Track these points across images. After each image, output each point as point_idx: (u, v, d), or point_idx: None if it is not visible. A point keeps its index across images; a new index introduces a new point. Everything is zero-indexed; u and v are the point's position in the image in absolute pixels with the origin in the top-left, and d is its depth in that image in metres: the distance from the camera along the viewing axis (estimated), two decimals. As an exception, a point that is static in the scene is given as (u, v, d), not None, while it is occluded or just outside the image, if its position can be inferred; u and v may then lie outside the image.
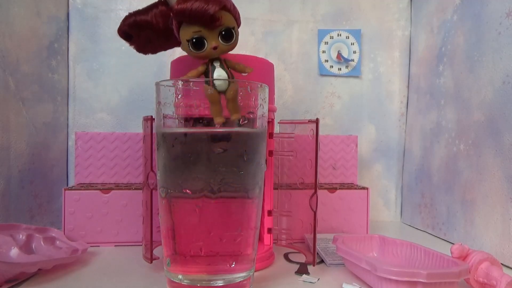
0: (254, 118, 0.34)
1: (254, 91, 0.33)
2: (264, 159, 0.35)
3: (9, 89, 0.50)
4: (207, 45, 0.32)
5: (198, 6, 0.30)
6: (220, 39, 0.32)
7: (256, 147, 0.34)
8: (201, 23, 0.31)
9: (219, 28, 0.32)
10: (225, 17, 0.32)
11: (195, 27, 0.31)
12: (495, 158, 0.47)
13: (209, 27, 0.31)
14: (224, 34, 0.32)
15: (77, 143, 0.59)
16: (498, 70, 0.47)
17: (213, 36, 0.32)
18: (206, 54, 0.32)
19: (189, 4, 0.30)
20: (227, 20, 0.32)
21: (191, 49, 0.32)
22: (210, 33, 0.31)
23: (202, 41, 0.31)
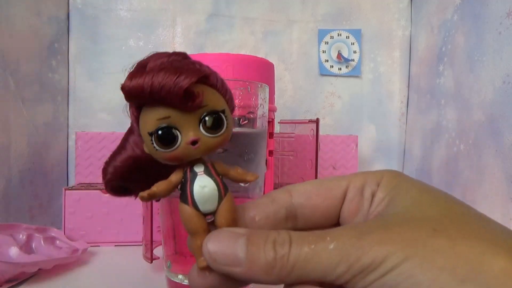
0: (254, 118, 0.34)
1: (254, 91, 0.33)
2: (264, 159, 0.35)
3: (9, 89, 0.50)
4: (180, 139, 0.19)
5: (163, 79, 0.17)
6: (201, 129, 0.19)
7: (256, 147, 0.34)
8: (169, 103, 0.18)
9: (199, 112, 0.19)
10: (208, 95, 0.19)
11: (160, 111, 0.18)
12: (495, 158, 0.47)
13: (183, 110, 0.18)
14: (208, 120, 0.19)
15: (77, 143, 0.59)
16: (498, 70, 0.47)
17: (190, 123, 0.19)
18: (180, 153, 0.19)
19: (147, 77, 0.18)
20: (211, 99, 0.19)
21: (157, 146, 0.19)
22: (184, 118, 0.18)
23: (173, 133, 0.19)
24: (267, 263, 0.16)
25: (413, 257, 0.15)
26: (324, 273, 0.16)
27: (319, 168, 0.49)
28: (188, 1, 0.67)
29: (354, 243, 0.16)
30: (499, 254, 0.15)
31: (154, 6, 0.67)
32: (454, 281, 0.14)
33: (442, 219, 0.17)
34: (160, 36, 0.67)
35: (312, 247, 0.16)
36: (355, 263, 0.15)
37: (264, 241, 0.17)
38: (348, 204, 0.20)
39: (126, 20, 0.66)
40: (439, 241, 0.15)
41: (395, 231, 0.16)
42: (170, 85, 0.17)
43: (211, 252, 0.17)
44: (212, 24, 0.68)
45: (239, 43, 0.69)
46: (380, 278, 0.15)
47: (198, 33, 0.68)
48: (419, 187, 0.19)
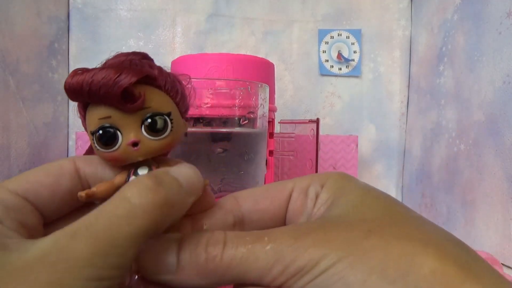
0: (255, 118, 0.34)
1: (254, 91, 0.33)
2: (265, 159, 0.35)
3: (9, 89, 0.50)
4: (121, 140, 0.18)
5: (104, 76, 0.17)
6: (143, 131, 0.18)
7: (256, 147, 0.34)
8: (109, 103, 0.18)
9: (141, 112, 0.18)
10: (152, 96, 0.18)
11: (101, 110, 0.18)
12: (495, 158, 0.47)
13: (123, 110, 0.18)
14: (150, 122, 0.18)
15: (77, 143, 0.59)
16: (498, 70, 0.47)
17: (131, 124, 0.18)
18: (120, 154, 0.18)
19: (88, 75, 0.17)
20: (155, 101, 0.18)
21: (98, 146, 0.18)
22: (126, 119, 0.18)
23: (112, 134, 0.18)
24: (198, 266, 0.16)
25: (346, 258, 0.15)
26: (260, 274, 0.16)
27: (319, 168, 0.49)
28: (188, 1, 0.67)
29: (291, 244, 0.16)
30: (429, 255, 0.15)
31: (154, 6, 0.67)
32: (384, 282, 0.14)
33: (378, 221, 0.17)
34: (160, 36, 0.67)
35: (249, 247, 0.16)
36: (290, 265, 0.15)
37: (195, 244, 0.16)
38: (293, 204, 0.20)
39: (126, 20, 0.66)
40: (372, 241, 0.15)
41: (331, 233, 0.16)
42: (109, 84, 0.17)
43: (142, 261, 0.17)
44: (212, 24, 0.68)
45: (239, 43, 0.69)
46: (314, 279, 0.15)
47: (198, 33, 0.68)
48: (362, 188, 0.19)
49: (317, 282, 0.15)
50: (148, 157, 0.19)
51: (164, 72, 0.19)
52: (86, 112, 0.19)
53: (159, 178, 0.17)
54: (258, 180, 0.34)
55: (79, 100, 0.18)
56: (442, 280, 0.14)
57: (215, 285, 0.17)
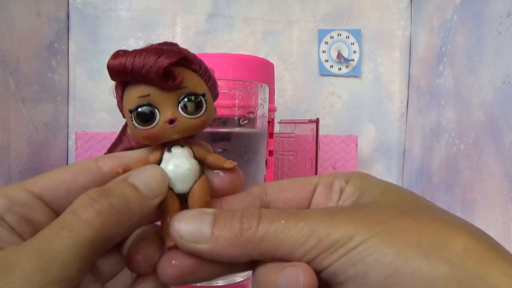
0: (254, 118, 0.34)
1: (254, 91, 0.33)
2: (264, 159, 0.35)
3: (9, 89, 0.50)
4: (159, 117, 0.19)
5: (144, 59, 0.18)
6: (180, 109, 0.19)
7: (256, 147, 0.34)
8: (149, 81, 0.18)
9: (178, 92, 0.19)
10: (189, 77, 0.19)
11: (140, 88, 0.19)
12: (495, 158, 0.47)
13: (162, 89, 0.19)
14: (187, 101, 0.19)
15: (77, 143, 0.59)
16: (498, 70, 0.47)
17: (168, 103, 0.19)
18: (157, 131, 0.19)
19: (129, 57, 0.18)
20: (191, 82, 0.19)
21: (136, 123, 0.19)
22: (163, 98, 0.19)
23: (151, 112, 0.19)
24: (232, 236, 0.16)
25: (380, 234, 0.15)
26: (292, 248, 0.16)
27: (319, 168, 0.49)
28: (188, 1, 0.67)
29: (325, 221, 0.16)
30: (460, 235, 0.15)
31: (154, 6, 0.67)
32: (418, 255, 0.15)
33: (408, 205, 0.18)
34: (160, 36, 0.67)
35: (282, 222, 0.16)
36: (324, 239, 0.16)
37: (230, 216, 0.17)
38: (317, 197, 0.21)
39: (126, 20, 0.66)
40: (406, 221, 0.16)
41: (364, 213, 0.17)
42: (150, 64, 0.18)
43: (177, 229, 0.17)
44: (212, 24, 0.68)
45: (239, 43, 0.69)
46: (348, 252, 0.15)
47: (198, 33, 0.68)
48: (386, 184, 0.20)
49: (351, 255, 0.15)
50: (183, 135, 0.20)
51: (198, 58, 0.20)
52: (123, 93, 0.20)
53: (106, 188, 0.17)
54: (258, 180, 0.34)
55: (121, 79, 0.19)
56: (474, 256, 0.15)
57: (246, 257, 0.17)
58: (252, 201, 0.21)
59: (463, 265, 0.14)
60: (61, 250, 0.15)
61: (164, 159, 0.20)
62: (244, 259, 0.17)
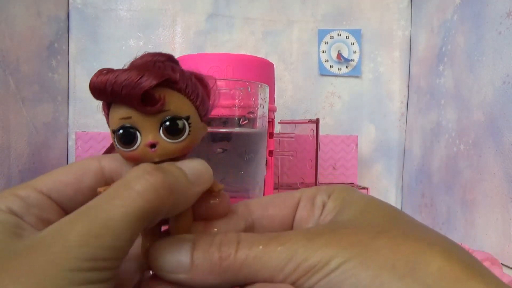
0: (254, 118, 0.34)
1: (254, 91, 0.33)
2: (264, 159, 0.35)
3: (9, 89, 0.50)
4: (140, 140, 0.19)
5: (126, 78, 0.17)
6: (161, 133, 0.19)
7: (256, 147, 0.34)
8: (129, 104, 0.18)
9: (160, 115, 0.19)
10: (172, 99, 0.19)
11: (122, 110, 0.18)
12: (495, 158, 0.47)
13: (143, 112, 0.18)
14: (168, 125, 0.19)
15: (77, 143, 0.59)
16: (498, 70, 0.47)
17: (150, 126, 0.19)
18: (138, 155, 0.19)
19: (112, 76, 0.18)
20: (174, 104, 0.19)
21: (118, 145, 0.19)
22: (145, 121, 0.18)
23: (132, 135, 0.19)
24: (212, 264, 0.17)
25: (356, 256, 0.16)
26: (272, 273, 0.16)
27: (319, 168, 0.49)
28: (188, 1, 0.67)
29: (304, 245, 0.16)
30: (436, 254, 0.15)
31: (154, 6, 0.67)
32: (393, 278, 0.15)
33: (385, 224, 0.18)
34: (160, 36, 0.67)
35: (260, 248, 0.17)
36: (302, 263, 0.16)
37: (209, 244, 0.17)
38: (300, 212, 0.21)
39: (126, 20, 0.66)
40: (381, 241, 0.16)
41: (341, 234, 0.17)
42: (131, 86, 0.17)
43: (156, 259, 0.17)
44: (212, 24, 0.68)
45: (239, 43, 0.69)
46: (326, 276, 0.16)
47: (198, 33, 0.68)
48: (367, 198, 0.20)
49: (329, 279, 0.16)
50: (164, 158, 0.19)
51: (186, 75, 0.19)
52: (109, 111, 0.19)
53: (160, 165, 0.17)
54: (258, 180, 0.34)
55: (102, 99, 0.19)
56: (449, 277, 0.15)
57: (227, 284, 0.17)
58: (236, 222, 0.20)
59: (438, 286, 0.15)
60: (114, 218, 0.15)
61: None
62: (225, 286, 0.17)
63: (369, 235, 0.16)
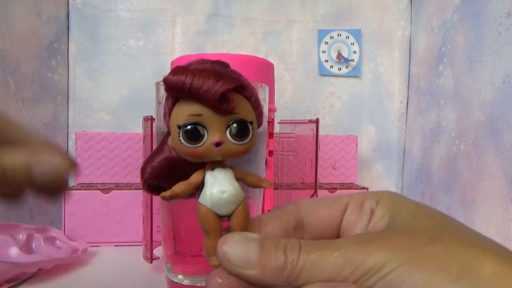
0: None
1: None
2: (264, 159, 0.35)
3: (9, 89, 0.50)
4: (206, 137, 0.20)
5: (203, 80, 0.19)
6: (228, 134, 0.20)
7: (256, 147, 0.34)
8: (204, 102, 0.19)
9: (229, 117, 0.20)
10: (241, 104, 0.20)
11: (194, 107, 0.19)
12: (495, 158, 0.47)
13: (216, 111, 0.19)
14: (235, 127, 0.20)
15: (77, 143, 0.59)
16: (498, 70, 0.47)
17: (218, 126, 0.20)
18: (202, 151, 0.20)
19: (189, 76, 0.19)
20: (242, 109, 0.20)
21: (182, 140, 0.20)
22: (214, 120, 0.20)
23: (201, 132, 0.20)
24: (278, 267, 0.18)
25: (411, 260, 0.16)
26: (330, 276, 0.17)
27: (319, 168, 0.49)
28: (188, 1, 0.67)
29: (357, 249, 0.17)
30: (489, 259, 0.16)
31: (154, 6, 0.67)
32: (448, 280, 0.16)
33: (437, 230, 0.19)
34: (160, 36, 0.67)
35: (318, 253, 0.18)
36: (359, 267, 0.17)
37: (275, 247, 0.18)
38: (348, 215, 0.22)
39: (126, 20, 0.66)
40: (435, 247, 0.17)
41: (394, 239, 0.18)
42: (208, 86, 0.19)
43: (227, 253, 0.18)
44: (211, 24, 0.68)
45: (239, 43, 0.69)
46: (382, 279, 0.17)
47: (198, 33, 0.68)
48: (416, 205, 0.21)
49: (385, 281, 0.16)
50: (226, 158, 0.20)
51: (251, 85, 0.21)
52: (174, 106, 0.20)
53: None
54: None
55: (176, 95, 0.20)
56: (502, 279, 0.15)
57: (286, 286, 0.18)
58: (287, 220, 0.22)
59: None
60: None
61: (207, 181, 0.21)
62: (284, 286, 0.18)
63: (422, 240, 0.17)
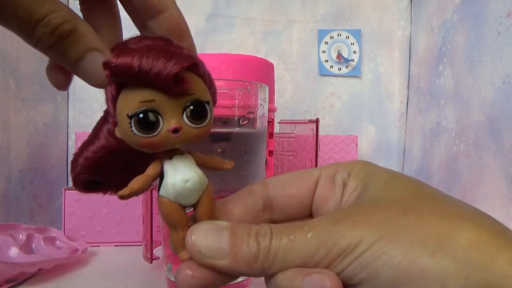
0: (254, 118, 0.34)
1: (254, 91, 0.33)
2: (264, 159, 0.35)
3: (9, 89, 0.50)
4: (162, 125, 0.18)
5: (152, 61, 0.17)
6: (185, 118, 0.18)
7: (256, 147, 0.34)
8: (156, 86, 0.17)
9: (184, 99, 0.18)
10: (196, 84, 0.18)
11: (145, 92, 0.17)
12: (495, 158, 0.47)
13: (169, 95, 0.17)
14: (192, 109, 0.18)
15: (77, 143, 0.59)
16: (498, 70, 0.47)
17: (173, 110, 0.18)
18: (159, 141, 0.18)
19: (136, 57, 0.17)
20: (197, 88, 0.18)
21: (135, 130, 0.17)
22: (168, 104, 0.17)
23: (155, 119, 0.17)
24: (251, 255, 0.17)
25: (386, 236, 0.16)
26: (304, 260, 0.17)
27: (319, 168, 0.49)
28: (188, 1, 0.67)
29: (331, 230, 0.17)
30: (465, 227, 0.16)
31: (154, 6, 0.66)
32: (425, 253, 0.15)
33: (411, 200, 0.18)
34: (160, 36, 0.67)
35: (291, 237, 0.17)
36: (332, 248, 0.16)
37: (247, 234, 0.17)
38: (320, 191, 0.21)
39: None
40: (409, 219, 0.16)
41: (368, 214, 0.17)
42: (160, 67, 0.17)
43: (196, 244, 0.17)
44: (212, 24, 0.68)
45: (239, 43, 0.69)
46: (357, 258, 0.16)
47: (198, 33, 0.68)
48: (389, 173, 0.20)
49: (360, 260, 0.16)
50: (185, 144, 0.19)
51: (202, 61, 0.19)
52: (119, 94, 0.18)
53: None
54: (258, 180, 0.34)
55: (122, 80, 0.18)
56: (479, 248, 0.15)
57: (261, 273, 0.17)
58: (255, 201, 0.21)
59: (468, 258, 0.15)
60: None
61: (166, 171, 0.19)
62: (258, 275, 0.18)
63: (396, 213, 0.17)
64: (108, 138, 0.19)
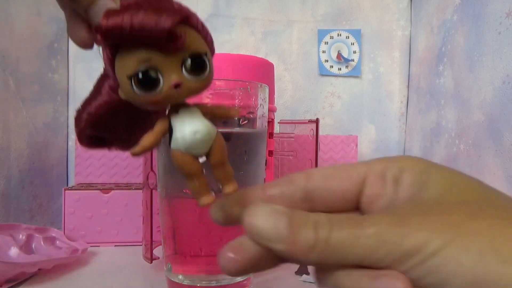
0: (254, 118, 0.34)
1: (254, 91, 0.33)
2: (264, 159, 0.35)
3: (9, 89, 0.50)
4: (163, 82, 0.18)
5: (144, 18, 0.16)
6: (184, 72, 0.18)
7: (256, 147, 0.34)
8: (150, 44, 0.17)
9: (181, 54, 0.18)
10: (190, 37, 0.18)
11: (141, 52, 0.17)
12: (495, 158, 0.47)
13: (165, 51, 0.17)
14: (191, 63, 0.18)
15: (77, 143, 0.59)
16: (498, 70, 0.47)
17: (171, 66, 0.18)
18: (162, 97, 0.18)
19: (126, 17, 0.16)
20: (194, 41, 0.18)
21: (136, 89, 0.18)
22: (166, 61, 0.17)
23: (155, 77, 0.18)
24: (309, 243, 0.17)
25: (454, 241, 0.15)
26: (363, 257, 0.16)
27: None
28: (188, 1, 0.67)
29: (392, 229, 0.16)
30: None
31: (154, 6, 0.67)
32: (497, 262, 0.14)
33: (477, 203, 0.17)
34: (160, 36, 0.67)
35: (351, 231, 0.16)
36: (395, 248, 0.16)
37: (305, 222, 0.17)
38: (370, 187, 0.20)
39: None
40: (478, 224, 0.15)
41: (433, 216, 0.16)
42: (152, 25, 0.16)
43: (257, 226, 0.17)
44: (212, 24, 0.68)
45: (239, 43, 0.69)
46: (422, 262, 0.15)
47: (198, 33, 0.68)
48: (448, 171, 0.19)
49: (426, 265, 0.15)
50: (189, 97, 0.19)
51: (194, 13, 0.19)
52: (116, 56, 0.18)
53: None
54: (258, 181, 0.34)
55: (115, 42, 0.18)
56: None
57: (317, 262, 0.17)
58: (293, 191, 0.20)
59: None
60: None
61: (175, 125, 0.19)
62: (312, 264, 0.17)
63: (464, 216, 0.16)
64: (110, 94, 0.19)
